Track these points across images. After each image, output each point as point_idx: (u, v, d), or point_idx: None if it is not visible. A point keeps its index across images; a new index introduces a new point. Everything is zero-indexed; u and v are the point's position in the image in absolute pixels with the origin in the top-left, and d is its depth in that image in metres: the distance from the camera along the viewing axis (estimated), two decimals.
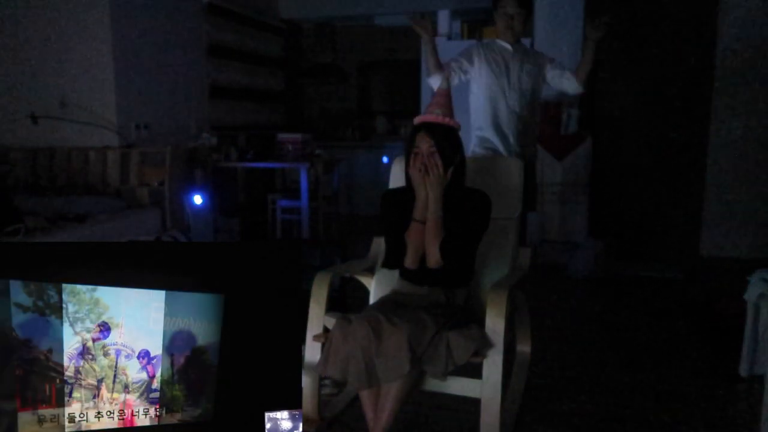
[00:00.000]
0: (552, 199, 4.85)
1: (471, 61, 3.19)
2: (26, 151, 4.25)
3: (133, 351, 1.59)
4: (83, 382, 1.52)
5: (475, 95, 3.26)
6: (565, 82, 3.18)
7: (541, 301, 3.80)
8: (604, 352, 3.05)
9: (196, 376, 1.65)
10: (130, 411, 1.57)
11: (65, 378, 1.50)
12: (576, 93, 3.24)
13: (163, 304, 1.61)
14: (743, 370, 2.67)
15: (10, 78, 4.31)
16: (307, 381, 2.12)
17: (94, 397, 1.53)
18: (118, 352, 1.56)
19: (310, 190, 5.25)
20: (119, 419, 1.56)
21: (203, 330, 1.68)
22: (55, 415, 1.49)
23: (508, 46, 3.20)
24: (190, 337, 1.66)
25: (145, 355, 1.60)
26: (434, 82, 3.12)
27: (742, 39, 4.59)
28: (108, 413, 1.54)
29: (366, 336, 1.84)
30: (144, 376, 1.60)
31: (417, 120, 2.17)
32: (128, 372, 1.57)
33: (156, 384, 1.60)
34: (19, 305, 1.45)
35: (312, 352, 2.11)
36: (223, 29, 5.60)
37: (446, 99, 2.17)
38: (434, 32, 3.14)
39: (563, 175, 4.80)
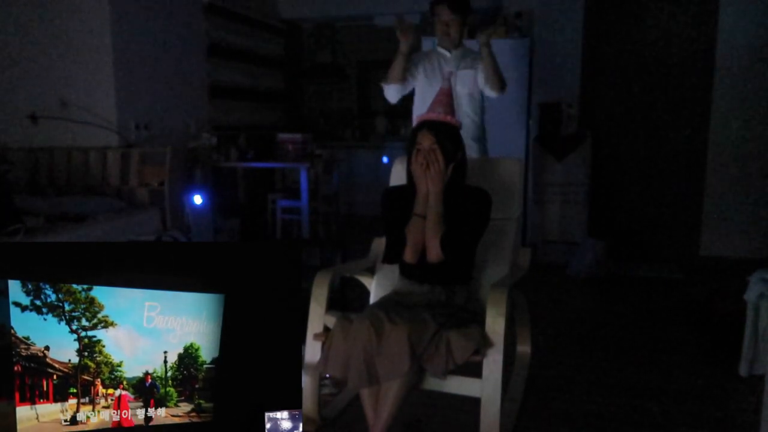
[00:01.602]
0: (552, 199, 4.84)
1: (416, 68, 3.23)
2: (26, 151, 4.24)
3: (128, 348, 1.62)
4: (79, 378, 1.56)
5: (415, 104, 3.31)
6: (485, 88, 3.16)
7: (541, 301, 3.80)
8: (604, 352, 3.05)
9: (189, 374, 1.69)
10: (125, 406, 1.61)
11: (62, 374, 1.54)
12: (495, 96, 3.18)
13: (157, 303, 1.64)
14: (743, 370, 2.67)
15: (10, 78, 4.31)
16: (307, 381, 2.12)
17: (90, 393, 1.57)
18: (113, 350, 1.60)
19: (310, 190, 5.24)
20: (114, 413, 1.60)
21: (196, 328, 1.71)
22: (52, 410, 1.53)
23: (446, 53, 3.23)
24: (183, 335, 1.69)
25: (139, 353, 1.63)
26: (389, 91, 3.19)
27: (742, 39, 4.59)
28: (104, 408, 1.58)
29: (367, 334, 1.84)
30: (138, 372, 1.63)
31: (419, 118, 2.21)
32: (123, 368, 1.61)
33: (150, 380, 1.64)
34: (17, 304, 1.48)
35: (312, 352, 2.11)
36: (223, 29, 5.60)
37: (448, 98, 2.22)
38: (415, 40, 3.14)
39: (563, 175, 4.80)
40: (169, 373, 1.66)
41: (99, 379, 1.57)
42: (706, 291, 3.63)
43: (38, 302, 1.50)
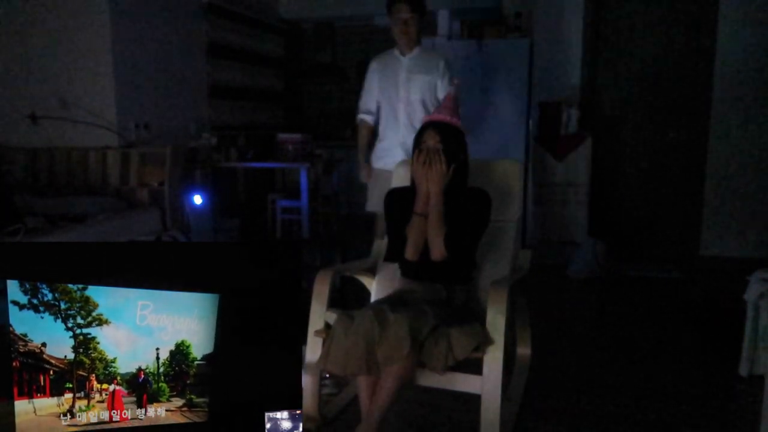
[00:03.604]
0: (552, 199, 4.84)
1: (370, 87, 3.25)
2: (26, 151, 4.24)
3: (122, 345, 1.67)
4: (75, 374, 1.61)
5: (381, 115, 3.29)
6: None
7: (541, 301, 3.79)
8: (603, 351, 3.05)
9: (181, 369, 1.74)
10: (118, 400, 1.66)
11: (58, 370, 1.59)
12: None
13: (150, 302, 1.69)
14: (743, 370, 2.67)
15: (10, 78, 4.31)
16: (307, 381, 2.12)
17: (85, 388, 1.62)
18: (107, 346, 1.64)
19: (310, 190, 5.24)
20: (109, 407, 1.65)
21: (188, 326, 1.75)
22: (49, 404, 1.58)
23: (400, 57, 3.20)
24: (175, 332, 1.74)
25: (132, 350, 1.68)
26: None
27: (741, 39, 4.59)
28: (98, 402, 1.64)
29: (370, 325, 1.84)
30: (131, 368, 1.69)
31: (425, 118, 2.27)
32: (117, 364, 1.66)
33: (143, 376, 1.69)
34: (15, 303, 1.53)
35: (312, 351, 2.11)
36: (223, 29, 5.60)
37: (454, 103, 2.29)
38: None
39: (563, 175, 4.80)
40: (161, 369, 1.71)
41: (94, 375, 1.63)
42: (706, 291, 3.63)
43: (35, 301, 1.55)
